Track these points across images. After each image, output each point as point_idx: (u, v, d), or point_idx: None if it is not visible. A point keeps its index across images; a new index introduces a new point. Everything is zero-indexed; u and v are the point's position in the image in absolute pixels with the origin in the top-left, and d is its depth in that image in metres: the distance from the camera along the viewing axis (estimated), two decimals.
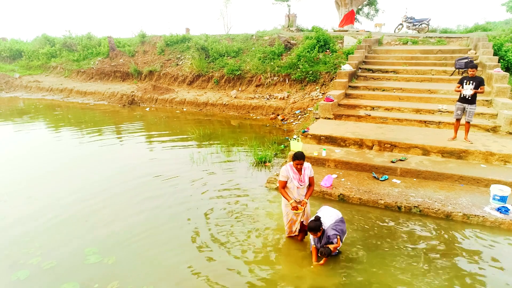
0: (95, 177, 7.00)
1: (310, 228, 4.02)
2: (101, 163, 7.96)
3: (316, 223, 4.00)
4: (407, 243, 4.64)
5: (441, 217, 5.29)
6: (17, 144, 9.65)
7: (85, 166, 7.75)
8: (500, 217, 5.07)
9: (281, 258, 4.36)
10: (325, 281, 3.92)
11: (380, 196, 5.78)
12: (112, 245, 4.57)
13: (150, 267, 4.14)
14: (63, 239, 4.73)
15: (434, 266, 4.16)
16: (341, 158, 6.96)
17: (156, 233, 4.89)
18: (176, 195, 6.12)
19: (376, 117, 8.74)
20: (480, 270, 4.09)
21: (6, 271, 4.06)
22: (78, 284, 3.82)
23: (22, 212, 5.48)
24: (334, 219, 4.19)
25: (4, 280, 3.91)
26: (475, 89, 6.87)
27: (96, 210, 5.55)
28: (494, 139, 7.32)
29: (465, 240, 4.73)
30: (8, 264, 4.20)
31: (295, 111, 12.53)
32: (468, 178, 6.10)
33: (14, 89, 18.89)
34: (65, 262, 4.21)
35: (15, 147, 9.32)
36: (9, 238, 4.77)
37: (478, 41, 11.98)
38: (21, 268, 4.10)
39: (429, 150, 6.98)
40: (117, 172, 7.27)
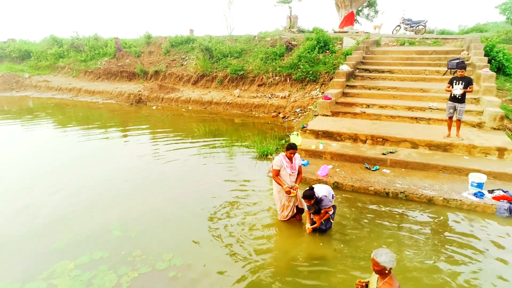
0: (113, 168, 7.74)
1: (305, 195, 4.70)
2: (114, 157, 8.69)
3: (310, 192, 4.69)
4: (393, 222, 5.33)
5: (424, 201, 5.98)
6: (39, 139, 10.40)
7: (102, 159, 8.49)
8: (476, 201, 5.75)
9: (280, 234, 5.06)
10: (318, 251, 4.62)
11: (370, 183, 6.47)
12: (133, 223, 5.29)
13: (167, 239, 4.85)
14: (90, 219, 5.45)
15: (415, 240, 4.85)
16: (337, 151, 7.67)
17: (171, 213, 5.61)
18: (187, 183, 6.84)
19: (370, 114, 9.44)
20: (456, 243, 4.78)
21: (46, 242, 4.78)
22: (108, 252, 4.54)
23: (50, 197, 6.21)
24: (325, 193, 4.89)
25: (45, 249, 4.63)
26: (464, 88, 7.50)
27: (117, 196, 6.27)
28: (478, 134, 8.00)
29: (443, 219, 5.42)
30: (46, 237, 4.92)
31: (296, 109, 13.23)
32: (451, 168, 6.79)
33: (24, 89, 19.71)
34: (94, 236, 4.93)
35: (38, 142, 10.07)
36: (43, 218, 5.49)
37: (470, 43, 12.64)
38: (58, 240, 4.82)
39: (417, 143, 7.67)
40: (132, 164, 8.00)
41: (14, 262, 4.39)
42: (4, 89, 19.40)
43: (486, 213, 5.62)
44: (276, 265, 4.35)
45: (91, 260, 4.36)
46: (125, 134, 11.04)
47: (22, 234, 5.02)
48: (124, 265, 4.26)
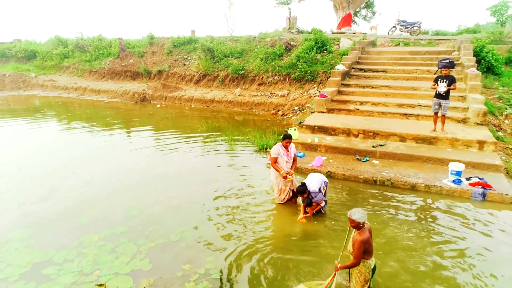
0: (125, 162, 8.44)
1: (298, 191, 5.40)
2: (125, 151, 9.38)
3: (302, 188, 5.37)
4: (380, 204, 6.02)
5: (408, 187, 6.66)
6: (53, 134, 11.11)
7: (114, 153, 9.18)
8: (454, 187, 6.44)
9: (277, 214, 5.75)
10: (312, 227, 5.31)
11: (360, 172, 7.16)
12: (147, 206, 5.97)
13: (178, 218, 5.54)
14: (109, 202, 6.14)
15: (399, 219, 5.53)
16: (331, 144, 8.36)
17: (180, 197, 6.30)
18: (192, 172, 7.54)
19: (363, 111, 10.12)
20: (435, 222, 5.47)
21: (72, 220, 5.48)
22: (127, 227, 5.23)
23: (71, 185, 6.91)
24: (318, 185, 5.56)
25: (72, 225, 5.33)
26: (448, 86, 8.20)
27: (130, 185, 6.96)
28: (463, 129, 8.68)
29: (424, 203, 6.11)
30: (72, 215, 5.61)
31: (294, 107, 13.92)
32: (435, 159, 7.47)
33: (31, 88, 20.41)
34: (114, 216, 5.62)
35: (53, 137, 10.78)
36: (67, 201, 6.18)
37: (461, 43, 13.32)
38: (82, 218, 5.52)
39: (405, 137, 8.36)
40: (142, 158, 8.69)
41: (48, 235, 5.08)
42: (12, 88, 20.11)
43: (463, 197, 6.31)
44: (274, 239, 5.04)
45: (112, 234, 5.04)
46: (133, 130, 11.73)
47: (51, 213, 5.72)
48: (142, 237, 4.94)
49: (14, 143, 10.18)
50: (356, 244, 3.57)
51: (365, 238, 3.55)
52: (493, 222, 5.44)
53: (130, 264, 4.36)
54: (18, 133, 11.38)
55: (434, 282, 4.07)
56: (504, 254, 4.63)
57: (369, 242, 3.62)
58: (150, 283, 4.03)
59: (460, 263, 4.40)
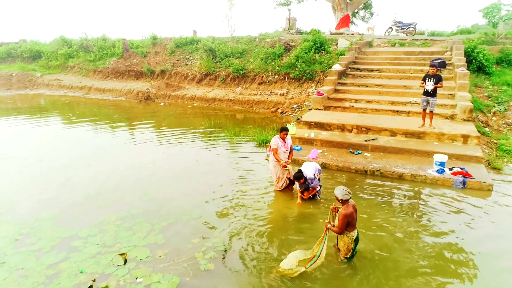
0: (135, 156, 9.10)
1: (295, 177, 6.05)
2: (134, 146, 10.05)
3: (298, 174, 6.03)
4: (369, 191, 6.67)
5: (395, 177, 7.32)
6: (67, 130, 11.77)
7: (123, 149, 9.85)
8: (437, 176, 7.09)
9: (275, 199, 6.41)
10: (307, 211, 5.96)
11: (352, 164, 7.82)
12: (158, 193, 6.63)
13: (186, 201, 6.20)
14: (123, 190, 6.80)
15: (385, 202, 6.19)
16: (326, 138, 9.02)
17: (187, 185, 6.97)
18: (197, 164, 8.20)
19: (358, 108, 10.78)
20: (418, 205, 6.12)
21: (91, 203, 6.14)
22: (141, 209, 5.89)
23: (86, 175, 7.58)
24: (313, 171, 6.22)
25: (92, 207, 5.99)
26: (435, 84, 8.85)
27: (140, 176, 7.63)
28: (450, 124, 9.33)
29: (410, 190, 6.76)
30: (89, 200, 6.28)
31: (293, 105, 14.59)
32: (422, 152, 8.12)
33: (37, 87, 21.09)
34: (128, 200, 6.28)
35: (65, 132, 11.45)
36: (86, 189, 6.85)
37: (453, 44, 13.97)
38: (101, 202, 6.18)
39: (396, 132, 9.02)
40: (152, 150, 9.36)
41: (71, 216, 5.74)
42: (19, 87, 20.80)
43: (445, 185, 6.96)
44: (272, 220, 5.70)
45: (129, 215, 5.71)
46: (140, 127, 12.39)
47: (72, 198, 6.39)
48: (155, 218, 5.61)
49: (29, 138, 10.85)
50: (340, 216, 4.23)
51: (348, 213, 4.22)
52: (471, 206, 6.08)
53: (146, 239, 5.02)
54: (32, 129, 12.05)
55: (415, 250, 4.72)
56: (480, 234, 5.23)
57: (352, 217, 4.28)
58: (164, 253, 4.69)
59: (440, 239, 5.05)
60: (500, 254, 4.74)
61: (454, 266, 4.45)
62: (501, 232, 5.28)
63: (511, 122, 10.93)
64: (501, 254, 4.75)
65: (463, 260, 4.59)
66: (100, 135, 11.12)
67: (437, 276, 4.23)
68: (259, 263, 4.49)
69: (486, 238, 5.14)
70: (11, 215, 5.75)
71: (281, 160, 6.35)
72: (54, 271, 4.32)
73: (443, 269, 4.39)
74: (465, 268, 4.42)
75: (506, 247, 4.92)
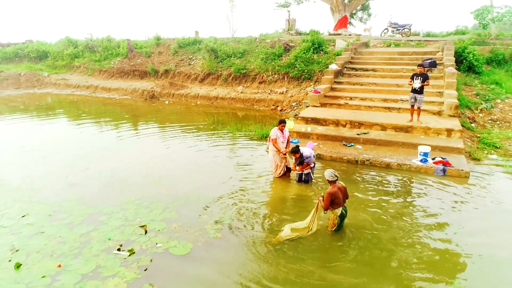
0: (143, 146, 9.94)
1: (292, 151, 6.85)
2: (142, 140, 10.89)
3: (296, 148, 6.85)
4: (360, 177, 7.49)
5: (383, 166, 8.13)
6: (79, 126, 12.61)
7: (134, 141, 10.69)
8: (421, 165, 7.91)
9: (274, 184, 7.24)
10: (302, 192, 6.79)
11: (345, 155, 8.64)
12: (169, 178, 7.47)
13: (194, 186, 7.03)
14: (136, 178, 7.62)
15: (372, 186, 7.00)
16: (321, 133, 9.84)
17: (194, 172, 7.80)
18: (202, 155, 9.03)
19: (352, 105, 11.60)
20: (402, 189, 6.94)
21: (109, 187, 6.97)
22: (156, 193, 6.71)
23: (102, 164, 8.41)
24: (309, 152, 7.04)
25: (110, 190, 6.82)
26: (422, 82, 9.66)
27: (151, 168, 8.46)
28: (436, 120, 10.15)
29: (396, 177, 7.58)
30: (108, 185, 7.11)
31: (292, 103, 15.41)
32: (409, 144, 8.94)
33: (45, 86, 21.95)
34: (144, 186, 7.10)
35: (78, 128, 12.28)
36: (102, 174, 7.68)
37: (445, 45, 14.78)
38: (117, 186, 7.01)
39: (386, 126, 9.84)
40: (159, 144, 10.20)
41: (94, 197, 6.57)
42: (27, 87, 21.66)
43: (427, 173, 7.77)
44: (270, 201, 6.52)
45: (145, 196, 6.54)
46: (147, 123, 13.23)
47: (92, 183, 7.23)
48: (168, 199, 6.43)
49: (43, 133, 11.68)
50: (326, 195, 5.06)
51: (332, 192, 5.05)
52: (449, 190, 6.90)
53: (161, 215, 5.84)
54: (44, 126, 12.89)
55: (402, 227, 5.53)
56: (458, 214, 5.98)
57: (336, 196, 5.10)
58: (178, 225, 5.51)
59: (421, 217, 5.86)
60: (472, 229, 5.54)
61: (437, 238, 5.23)
62: (475, 214, 6.06)
63: (496, 118, 11.76)
64: (473, 229, 5.55)
65: (445, 234, 5.34)
66: (111, 131, 11.94)
67: (420, 246, 5.02)
68: (260, 233, 5.31)
69: (462, 217, 5.90)
70: (41, 197, 6.58)
71: (280, 149, 7.17)
72: (86, 239, 5.14)
73: (426, 241, 5.20)
74: (444, 236, 5.23)
75: (479, 224, 5.70)
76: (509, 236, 5.33)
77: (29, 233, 5.30)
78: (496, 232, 5.47)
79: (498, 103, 12.54)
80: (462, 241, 5.12)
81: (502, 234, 5.40)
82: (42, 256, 4.72)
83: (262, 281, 4.25)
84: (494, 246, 5.01)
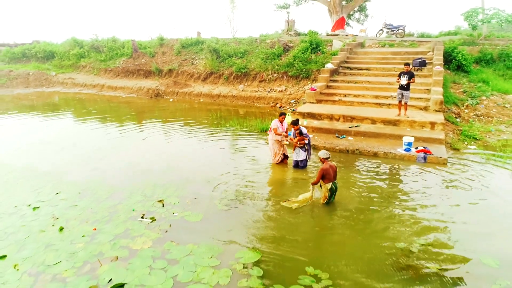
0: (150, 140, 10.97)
1: (292, 122, 7.87)
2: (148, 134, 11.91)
3: (296, 120, 7.86)
4: (350, 164, 8.50)
5: (371, 155, 9.14)
6: (90, 122, 13.63)
7: (141, 135, 11.71)
8: (404, 153, 8.92)
9: (273, 170, 8.25)
10: (298, 176, 7.79)
11: (337, 145, 9.65)
12: (178, 166, 8.47)
13: (202, 171, 8.04)
14: (149, 164, 8.63)
15: (363, 173, 8.01)
16: (317, 126, 10.85)
17: (202, 159, 8.81)
18: (207, 147, 10.05)
19: (346, 101, 12.62)
20: (387, 173, 7.95)
21: (126, 173, 7.99)
22: (168, 176, 7.72)
23: (116, 154, 9.43)
24: (305, 131, 8.04)
25: (127, 175, 7.83)
26: (408, 80, 10.67)
27: (160, 160, 9.48)
28: (422, 114, 11.16)
29: (383, 164, 8.59)
30: (124, 171, 8.12)
31: (291, 101, 16.43)
32: (396, 136, 9.95)
33: (52, 85, 22.99)
34: (156, 172, 8.11)
35: (89, 124, 13.30)
36: (118, 163, 8.69)
37: (435, 45, 15.80)
38: (132, 173, 8.02)
39: (375, 120, 10.85)
40: (166, 137, 11.21)
41: (114, 180, 7.58)
42: (36, 85, 22.71)
43: (410, 161, 8.78)
44: (270, 182, 7.54)
45: (159, 179, 7.55)
46: (153, 120, 14.25)
47: (111, 168, 8.24)
48: (180, 181, 7.45)
49: (56, 128, 12.71)
50: (318, 170, 6.07)
51: (324, 168, 6.07)
52: (429, 174, 7.91)
53: (175, 192, 6.86)
54: (57, 121, 13.91)
55: (380, 200, 6.54)
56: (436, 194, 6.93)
57: (327, 172, 6.11)
58: (190, 200, 6.53)
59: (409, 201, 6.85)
60: (447, 208, 6.54)
61: (407, 206, 6.26)
62: (450, 193, 7.04)
63: (480, 113, 12.76)
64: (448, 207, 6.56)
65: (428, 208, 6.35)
66: (121, 126, 12.94)
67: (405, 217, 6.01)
68: (261, 206, 6.32)
69: (440, 195, 6.85)
70: (69, 179, 7.60)
71: (281, 135, 8.17)
72: (114, 210, 6.16)
73: (400, 208, 6.21)
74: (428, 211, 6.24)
75: (454, 202, 6.68)
76: (472, 201, 6.33)
77: (65, 206, 6.32)
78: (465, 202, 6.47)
79: (483, 100, 13.55)
80: (428, 211, 6.12)
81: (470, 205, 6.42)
82: (79, 222, 5.74)
83: (263, 236, 5.26)
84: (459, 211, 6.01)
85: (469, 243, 5.18)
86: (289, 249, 4.99)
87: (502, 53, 16.35)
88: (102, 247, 5.04)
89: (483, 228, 5.63)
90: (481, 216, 6.02)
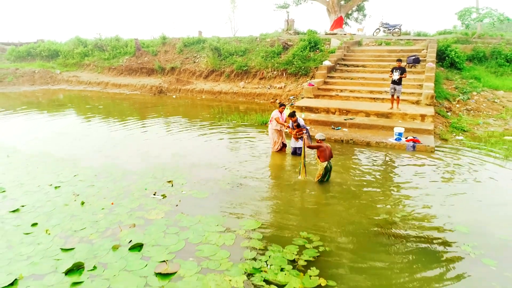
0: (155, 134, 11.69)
1: (290, 115, 8.55)
2: (153, 130, 12.63)
3: (293, 112, 8.55)
4: (345, 153, 9.21)
5: (364, 144, 9.85)
6: (98, 118, 14.36)
7: (147, 130, 12.42)
8: (395, 143, 9.63)
9: (272, 157, 8.97)
10: (295, 162, 8.50)
11: (333, 136, 10.36)
12: (184, 153, 9.18)
13: (207, 158, 8.74)
14: (157, 151, 9.34)
15: (356, 161, 8.72)
16: (314, 118, 11.57)
17: (206, 147, 9.53)
18: (208, 138, 10.76)
19: (342, 96, 13.33)
20: (379, 160, 8.66)
21: (136, 158, 8.70)
22: (175, 160, 8.42)
23: (125, 145, 10.15)
24: (302, 123, 8.74)
25: (137, 160, 8.55)
26: (400, 75, 11.39)
27: (168, 153, 10.19)
28: (414, 108, 11.87)
29: (375, 153, 9.29)
30: (134, 157, 8.83)
31: (290, 97, 17.14)
32: (388, 127, 10.65)
33: (58, 83, 23.73)
34: (164, 157, 8.82)
35: (97, 120, 14.03)
36: (128, 151, 9.40)
37: (429, 43, 16.52)
38: (141, 159, 8.73)
39: (369, 113, 11.56)
40: (171, 131, 11.93)
41: (125, 165, 8.29)
42: (41, 83, 23.44)
43: (400, 149, 9.49)
44: (270, 168, 8.25)
45: (167, 164, 8.26)
46: (158, 115, 14.97)
47: (122, 155, 8.94)
48: (185, 165, 8.16)
49: (67, 122, 13.43)
50: (313, 142, 6.80)
51: (320, 145, 6.78)
52: (417, 160, 8.61)
53: (183, 175, 7.57)
54: (65, 116, 14.64)
55: (370, 180, 7.24)
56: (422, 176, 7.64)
57: (322, 150, 6.83)
58: (197, 181, 7.24)
59: (396, 182, 7.56)
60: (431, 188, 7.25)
61: (407, 190, 6.96)
62: (435, 176, 7.74)
63: (470, 108, 13.48)
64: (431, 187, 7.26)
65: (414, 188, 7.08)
66: (128, 120, 13.67)
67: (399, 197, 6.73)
68: (260, 186, 7.03)
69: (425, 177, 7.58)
70: (85, 164, 8.32)
71: (283, 124, 8.87)
72: (128, 189, 6.87)
73: (397, 192, 6.91)
74: (413, 190, 6.94)
75: (437, 184, 7.39)
76: (454, 182, 7.03)
77: (83, 186, 7.03)
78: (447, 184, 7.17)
79: (474, 95, 14.27)
80: (413, 190, 6.83)
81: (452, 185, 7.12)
82: (97, 198, 6.45)
83: (263, 210, 5.97)
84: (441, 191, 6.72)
85: (446, 216, 5.88)
86: (285, 219, 5.70)
87: (494, 51, 17.10)
88: (121, 217, 5.74)
89: (460, 205, 6.34)
90: (460, 195, 6.72)
